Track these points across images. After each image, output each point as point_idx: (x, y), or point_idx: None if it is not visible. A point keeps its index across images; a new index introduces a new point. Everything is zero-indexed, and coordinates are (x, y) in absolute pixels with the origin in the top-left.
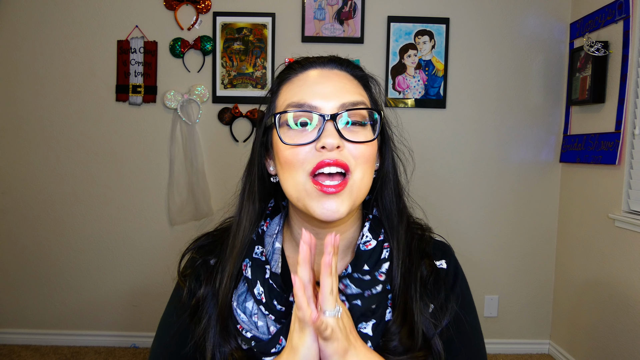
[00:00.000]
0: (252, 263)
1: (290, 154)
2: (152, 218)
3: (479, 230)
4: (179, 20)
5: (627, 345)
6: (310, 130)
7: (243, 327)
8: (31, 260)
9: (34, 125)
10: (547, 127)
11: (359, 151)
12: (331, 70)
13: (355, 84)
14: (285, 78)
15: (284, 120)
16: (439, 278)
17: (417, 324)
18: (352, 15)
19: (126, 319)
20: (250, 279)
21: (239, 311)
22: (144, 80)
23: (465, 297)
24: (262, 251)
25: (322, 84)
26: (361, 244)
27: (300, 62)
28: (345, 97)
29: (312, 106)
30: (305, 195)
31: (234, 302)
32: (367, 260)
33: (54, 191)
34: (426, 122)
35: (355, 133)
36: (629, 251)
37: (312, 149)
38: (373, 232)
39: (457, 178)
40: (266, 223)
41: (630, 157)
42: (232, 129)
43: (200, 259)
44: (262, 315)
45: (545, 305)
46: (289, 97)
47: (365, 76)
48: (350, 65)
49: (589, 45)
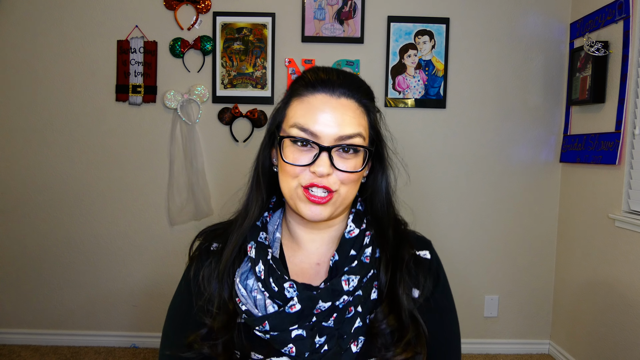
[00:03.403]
0: (256, 245)
1: (288, 167)
2: (152, 218)
3: (479, 230)
4: (179, 20)
5: (627, 345)
6: (309, 150)
7: (241, 300)
8: (31, 260)
9: (33, 125)
10: (547, 127)
11: (346, 176)
12: (338, 100)
13: (358, 113)
14: (297, 93)
15: (290, 136)
16: (422, 266)
17: (403, 306)
18: (352, 15)
19: (126, 319)
20: (254, 258)
21: (240, 286)
22: (144, 80)
23: (446, 287)
24: (266, 237)
25: (326, 112)
26: (346, 232)
27: (312, 76)
28: (344, 129)
29: (314, 133)
30: (297, 197)
31: (236, 278)
32: (352, 246)
33: (54, 191)
34: (426, 122)
35: (346, 160)
36: (629, 251)
37: (307, 168)
38: (356, 223)
39: (457, 178)
40: (269, 215)
41: (630, 157)
42: (232, 129)
43: (206, 244)
44: (260, 291)
45: (545, 305)
46: (297, 116)
47: (368, 105)
48: (359, 92)
49: (589, 45)
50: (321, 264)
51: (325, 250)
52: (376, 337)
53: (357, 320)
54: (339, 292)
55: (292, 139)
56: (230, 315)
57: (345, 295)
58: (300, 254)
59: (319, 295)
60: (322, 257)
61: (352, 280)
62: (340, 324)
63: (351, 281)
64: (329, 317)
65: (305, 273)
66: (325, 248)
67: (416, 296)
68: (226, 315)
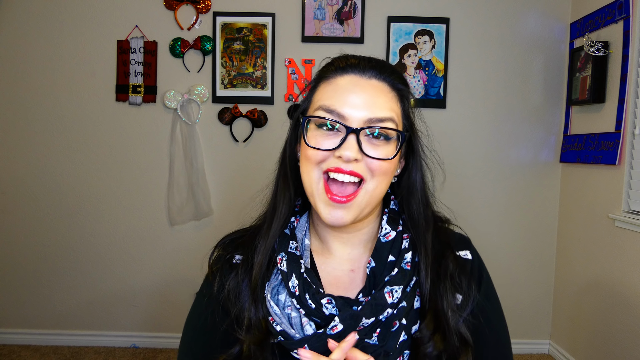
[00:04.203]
0: (287, 257)
1: (311, 152)
2: (152, 218)
3: (478, 230)
4: (179, 20)
5: (627, 345)
6: (335, 134)
7: (274, 319)
8: (31, 260)
9: (33, 125)
10: (547, 127)
11: (375, 165)
12: (369, 80)
13: (390, 97)
14: (325, 76)
15: (313, 120)
16: (464, 269)
17: (450, 325)
18: (352, 15)
19: (126, 319)
20: (286, 271)
21: (272, 303)
22: (144, 80)
23: (490, 288)
24: (297, 246)
25: (356, 93)
26: (381, 236)
27: (342, 62)
28: (375, 112)
29: (341, 115)
30: (317, 194)
31: (267, 294)
32: (390, 250)
33: (54, 191)
34: (426, 122)
35: (376, 147)
36: (629, 251)
37: (332, 154)
38: (391, 224)
39: (457, 178)
40: (296, 220)
41: (630, 157)
42: (232, 129)
43: (228, 255)
44: (294, 308)
45: (545, 305)
46: (323, 98)
47: (403, 90)
48: (392, 75)
49: (589, 45)
50: (356, 270)
51: (357, 255)
52: (423, 357)
53: (402, 333)
54: (383, 305)
55: (317, 120)
56: (263, 333)
57: (390, 309)
58: (332, 261)
59: (362, 312)
60: (355, 262)
61: (395, 291)
62: (385, 340)
63: (395, 292)
64: (371, 332)
65: (340, 282)
66: (357, 252)
67: (459, 302)
68: (260, 334)
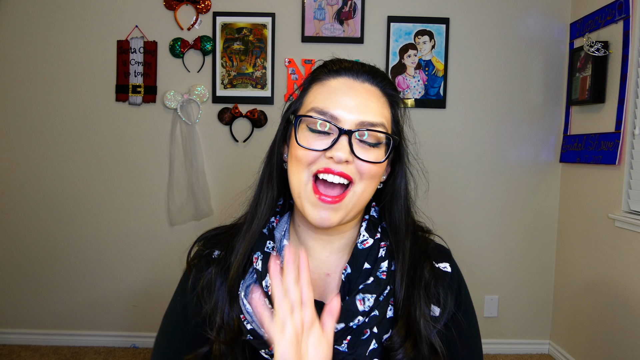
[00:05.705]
0: (263, 256)
1: (302, 153)
2: (152, 218)
3: (478, 230)
4: (179, 20)
5: (627, 345)
6: (326, 136)
7: (246, 317)
8: (31, 260)
9: (33, 125)
10: (547, 127)
11: (365, 168)
12: (362, 84)
13: (382, 102)
14: (317, 78)
15: (305, 121)
16: (441, 281)
17: (421, 333)
18: (352, 15)
19: (126, 319)
20: (260, 271)
21: (245, 301)
22: (144, 80)
23: (468, 303)
24: (274, 246)
25: (349, 96)
26: (359, 242)
27: (335, 65)
28: (367, 116)
29: (334, 116)
30: (304, 195)
31: (241, 291)
32: (366, 258)
33: (54, 191)
34: (426, 122)
35: (367, 150)
36: (629, 251)
37: (322, 155)
38: (369, 232)
39: (457, 178)
40: (276, 220)
41: (630, 157)
42: (232, 129)
43: (207, 250)
44: (266, 308)
45: (545, 305)
46: (316, 100)
47: (394, 96)
48: (384, 81)
49: (589, 45)
50: (331, 275)
51: (335, 259)
52: None
53: (373, 342)
54: (354, 312)
55: (308, 122)
56: (235, 333)
57: (361, 316)
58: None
59: None
60: (332, 267)
61: (367, 299)
62: (355, 348)
63: (367, 300)
64: (341, 339)
65: (315, 285)
66: (335, 257)
67: (437, 314)
68: (230, 333)
